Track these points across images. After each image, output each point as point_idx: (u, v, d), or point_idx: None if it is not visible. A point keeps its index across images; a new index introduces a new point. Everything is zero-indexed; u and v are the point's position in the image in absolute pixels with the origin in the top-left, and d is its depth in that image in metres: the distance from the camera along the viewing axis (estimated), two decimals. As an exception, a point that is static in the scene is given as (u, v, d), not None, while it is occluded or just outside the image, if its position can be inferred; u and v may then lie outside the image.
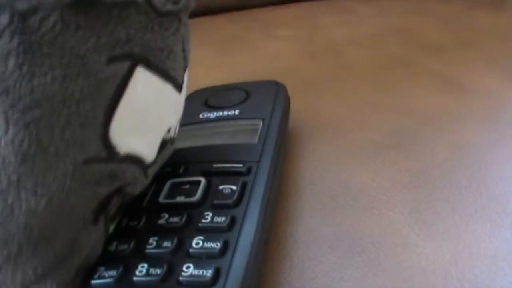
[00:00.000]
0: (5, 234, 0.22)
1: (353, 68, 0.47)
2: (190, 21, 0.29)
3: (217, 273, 0.24)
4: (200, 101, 0.37)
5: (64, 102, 0.22)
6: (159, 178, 0.30)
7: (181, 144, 0.33)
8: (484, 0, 0.61)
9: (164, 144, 0.28)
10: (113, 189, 0.25)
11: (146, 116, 0.26)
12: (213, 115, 0.36)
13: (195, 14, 0.53)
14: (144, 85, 0.25)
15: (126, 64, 0.24)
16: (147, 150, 0.27)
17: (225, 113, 0.36)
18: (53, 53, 0.22)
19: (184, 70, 0.28)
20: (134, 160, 0.26)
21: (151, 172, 0.28)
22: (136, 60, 0.24)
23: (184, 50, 0.28)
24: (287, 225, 0.31)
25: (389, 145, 0.37)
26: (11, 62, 0.21)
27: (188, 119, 0.35)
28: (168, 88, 0.27)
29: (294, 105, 0.39)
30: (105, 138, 0.24)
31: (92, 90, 0.23)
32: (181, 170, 0.31)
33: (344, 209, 0.32)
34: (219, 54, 0.51)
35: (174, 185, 0.30)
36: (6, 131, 0.21)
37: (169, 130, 0.28)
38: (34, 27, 0.21)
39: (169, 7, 0.25)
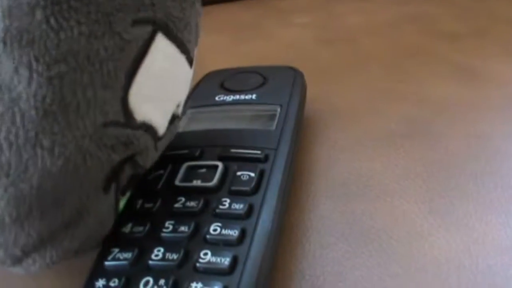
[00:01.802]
0: (16, 193, 0.22)
1: (368, 56, 0.47)
2: (205, 8, 0.29)
3: (234, 262, 0.24)
4: (216, 83, 0.37)
5: (89, 59, 0.22)
6: (175, 160, 0.30)
7: (197, 126, 0.33)
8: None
9: (173, 119, 0.28)
10: (126, 156, 0.25)
11: (162, 86, 0.26)
12: (229, 98, 0.36)
13: (210, 1, 0.53)
14: (163, 52, 0.25)
15: (148, 28, 0.24)
16: (160, 121, 0.27)
17: (242, 97, 0.36)
18: (81, 8, 0.22)
19: (195, 47, 0.29)
20: (148, 128, 0.26)
21: (161, 145, 0.28)
22: (157, 26, 0.25)
23: (197, 26, 0.28)
24: (299, 212, 0.31)
25: (404, 134, 0.37)
26: (39, 13, 0.21)
27: (204, 100, 0.35)
28: (182, 60, 0.27)
29: (309, 93, 0.39)
30: (124, 102, 0.24)
31: (116, 50, 0.23)
32: (197, 153, 0.30)
33: (356, 196, 0.32)
34: (234, 41, 0.51)
35: (190, 168, 0.30)
36: (29, 84, 0.21)
37: (178, 105, 0.28)
38: None
39: None
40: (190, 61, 0.28)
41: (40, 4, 0.21)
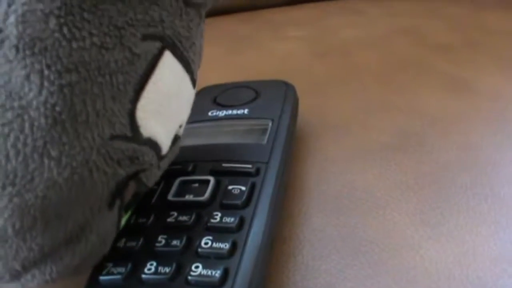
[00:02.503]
0: (21, 203, 0.22)
1: (361, 69, 0.47)
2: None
3: (225, 274, 0.25)
4: (208, 99, 0.38)
5: (100, 70, 0.22)
6: (168, 176, 0.30)
7: (190, 142, 0.33)
8: (494, 0, 0.61)
9: (175, 139, 0.29)
10: (131, 172, 0.25)
11: (168, 103, 0.26)
12: (222, 113, 0.36)
13: (206, 14, 0.54)
14: (170, 70, 0.26)
15: (157, 44, 0.25)
16: (164, 139, 0.27)
17: (234, 111, 0.36)
18: (93, 20, 0.22)
19: (198, 67, 0.29)
20: (153, 145, 0.26)
21: (163, 165, 0.28)
22: (166, 43, 0.25)
23: (201, 47, 0.29)
24: (292, 225, 0.31)
25: (396, 146, 0.37)
26: (52, 22, 0.21)
27: (197, 116, 0.35)
28: (187, 79, 0.27)
29: (302, 105, 0.39)
30: (132, 116, 0.24)
31: (126, 63, 0.23)
32: (190, 168, 0.31)
33: (349, 209, 0.32)
34: (229, 54, 0.52)
35: (183, 183, 0.30)
36: (40, 92, 0.21)
37: (180, 126, 0.29)
38: None
39: None
40: (194, 82, 0.28)
41: (54, 13, 0.21)
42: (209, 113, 0.36)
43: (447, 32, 0.54)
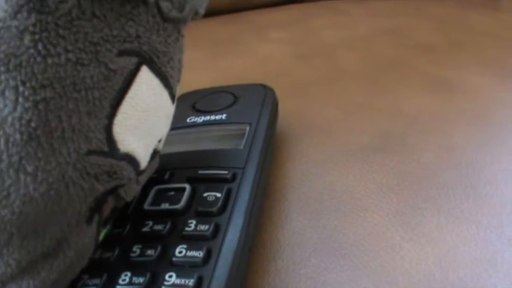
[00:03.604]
0: None
1: (344, 70, 0.47)
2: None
3: (199, 282, 0.25)
4: (188, 105, 0.38)
5: (75, 86, 0.22)
6: (145, 184, 0.30)
7: (167, 149, 0.33)
8: (478, 0, 0.61)
9: (154, 154, 0.29)
10: (109, 187, 0.25)
11: (145, 119, 0.26)
12: (200, 119, 0.36)
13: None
14: (147, 85, 0.26)
15: (134, 60, 0.25)
16: (143, 154, 0.27)
17: (212, 117, 0.36)
18: (69, 36, 0.22)
19: (178, 83, 0.29)
20: (131, 160, 0.26)
21: (142, 180, 0.28)
22: (142, 58, 0.25)
23: (180, 62, 0.29)
24: (272, 229, 0.31)
25: (377, 148, 0.37)
26: (27, 38, 0.21)
27: (176, 123, 0.35)
28: (165, 95, 0.27)
29: (283, 108, 0.39)
30: (108, 131, 0.24)
31: (102, 79, 0.23)
32: (166, 176, 0.31)
33: (329, 212, 0.32)
34: (211, 56, 0.51)
35: (159, 192, 0.30)
36: (15, 108, 0.21)
37: (160, 140, 0.29)
38: (52, 8, 0.22)
39: (174, 13, 0.26)
40: (173, 97, 0.28)
41: (29, 30, 0.21)
42: (188, 120, 0.36)
43: (430, 32, 0.54)
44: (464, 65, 0.47)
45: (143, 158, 0.27)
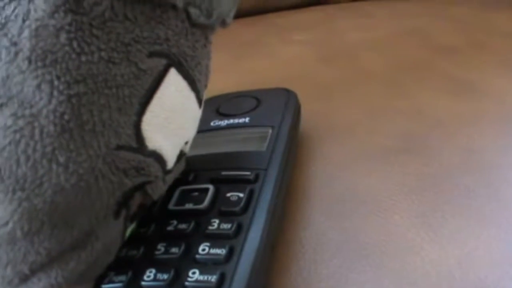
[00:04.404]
0: (30, 207, 0.23)
1: (367, 72, 0.47)
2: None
3: (222, 279, 0.25)
4: (211, 109, 0.38)
5: (106, 82, 0.24)
6: (169, 186, 0.30)
7: (192, 152, 0.33)
8: (501, 1, 0.60)
9: (180, 155, 0.30)
10: (137, 183, 0.26)
11: (173, 119, 0.27)
12: (223, 123, 0.37)
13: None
14: (175, 86, 0.27)
15: (163, 61, 0.26)
16: (170, 153, 0.28)
17: (236, 121, 0.36)
18: (101, 36, 0.24)
19: (204, 88, 0.30)
20: (158, 158, 0.27)
21: (168, 179, 0.29)
22: (171, 61, 0.26)
23: (207, 68, 0.30)
24: (294, 229, 0.31)
25: (399, 149, 0.37)
26: (63, 36, 0.23)
27: (200, 126, 0.35)
28: (192, 98, 0.28)
29: (306, 110, 0.39)
30: (137, 128, 0.25)
31: (132, 77, 0.25)
32: (190, 177, 0.32)
33: (351, 213, 0.32)
34: (234, 59, 0.52)
35: (183, 192, 0.31)
36: (50, 101, 0.23)
37: (186, 143, 0.30)
38: (87, 9, 0.23)
39: (202, 19, 0.27)
40: (199, 101, 0.29)
41: (65, 28, 0.23)
42: (211, 123, 0.37)
43: (453, 33, 0.53)
44: (487, 67, 0.47)
45: (170, 157, 0.28)
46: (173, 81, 0.27)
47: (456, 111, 0.41)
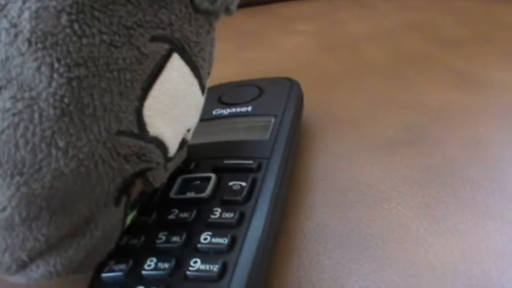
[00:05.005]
0: (28, 192, 0.22)
1: (369, 63, 0.47)
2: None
3: (224, 268, 0.25)
4: (214, 98, 0.38)
5: (108, 66, 0.23)
6: (171, 175, 0.30)
7: (193, 140, 0.33)
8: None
9: (182, 143, 0.29)
10: (138, 169, 0.26)
11: (175, 105, 0.27)
12: (226, 111, 0.36)
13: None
14: (178, 72, 0.26)
15: (166, 46, 0.25)
16: (171, 140, 0.27)
17: (238, 109, 0.36)
18: (103, 18, 0.23)
19: (208, 75, 0.30)
20: (160, 145, 0.26)
21: (170, 167, 0.29)
22: (174, 46, 0.26)
23: (210, 55, 0.29)
24: (297, 220, 0.31)
25: (402, 141, 0.37)
26: (64, 18, 0.22)
27: (202, 115, 0.35)
28: (195, 84, 0.28)
29: (308, 101, 0.39)
30: (139, 113, 0.25)
31: (134, 61, 0.24)
32: (192, 166, 0.31)
33: (354, 204, 0.32)
34: (237, 48, 0.52)
35: (185, 181, 0.30)
36: (50, 84, 0.22)
37: (188, 130, 0.29)
38: None
39: (206, 5, 0.27)
40: (202, 88, 0.29)
41: (66, 10, 0.22)
42: (214, 112, 0.36)
43: (456, 26, 0.53)
44: (491, 59, 0.46)
45: (172, 144, 0.27)
46: (176, 67, 0.26)
47: (459, 103, 0.40)
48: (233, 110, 0.36)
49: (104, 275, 0.26)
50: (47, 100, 0.22)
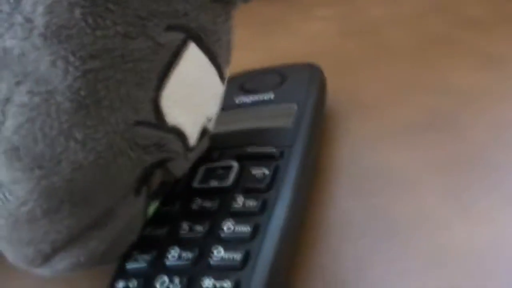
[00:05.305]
0: (48, 185, 0.23)
1: (392, 47, 0.46)
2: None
3: (246, 257, 0.25)
4: (236, 86, 0.38)
5: (123, 57, 0.23)
6: (194, 163, 0.30)
7: (216, 129, 0.33)
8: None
9: (203, 132, 0.29)
10: (157, 159, 0.26)
11: (193, 94, 0.27)
12: (248, 99, 0.36)
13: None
14: (195, 61, 0.26)
15: (181, 36, 0.25)
16: (191, 129, 0.27)
17: (260, 97, 0.36)
18: (117, 10, 0.23)
19: (227, 65, 0.29)
20: (179, 134, 0.26)
21: (191, 157, 0.28)
22: (190, 35, 0.26)
23: (229, 44, 0.29)
24: (321, 207, 0.31)
25: (427, 125, 0.36)
26: (77, 11, 0.22)
27: (224, 104, 0.35)
28: (213, 73, 0.28)
29: (331, 86, 0.39)
30: (156, 103, 0.25)
31: (150, 52, 0.24)
32: (215, 155, 0.31)
33: (379, 191, 0.32)
34: (257, 36, 0.51)
35: (208, 170, 0.30)
36: (65, 77, 0.22)
37: (209, 119, 0.29)
38: None
39: None
40: (221, 77, 0.29)
41: (79, 3, 0.22)
42: (236, 100, 0.36)
43: (481, 6, 0.52)
44: (518, 41, 0.45)
45: (192, 134, 0.27)
46: (193, 56, 0.26)
47: (485, 87, 0.40)
48: (256, 98, 0.36)
49: (129, 265, 0.26)
50: (64, 93, 0.22)
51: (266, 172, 0.29)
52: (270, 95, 0.36)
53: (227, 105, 0.35)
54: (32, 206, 0.23)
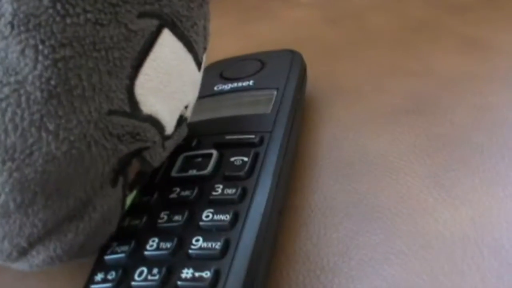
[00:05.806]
0: (21, 178, 0.22)
1: (374, 32, 0.46)
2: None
3: (226, 245, 0.24)
4: (215, 73, 0.37)
5: (95, 45, 0.23)
6: (172, 153, 0.30)
7: (194, 117, 0.33)
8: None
9: (181, 120, 0.29)
10: (133, 149, 0.25)
11: (169, 82, 0.26)
12: (227, 86, 0.36)
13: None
14: (170, 48, 0.26)
15: (155, 22, 0.25)
16: (167, 118, 0.27)
17: (240, 84, 0.36)
18: None
19: (204, 50, 0.29)
20: (155, 123, 0.26)
21: (168, 145, 0.28)
22: (164, 21, 0.25)
23: (205, 29, 0.28)
24: (303, 193, 0.31)
25: (408, 109, 0.36)
26: None
27: (203, 91, 0.35)
28: (189, 59, 0.27)
29: (313, 72, 0.39)
30: (130, 91, 0.24)
31: (122, 39, 0.23)
32: (193, 143, 0.31)
33: (361, 175, 0.31)
34: (239, 23, 0.51)
35: (186, 159, 0.30)
36: (35, 66, 0.22)
37: (186, 107, 0.29)
38: None
39: None
40: (198, 63, 0.28)
41: None
42: (215, 88, 0.36)
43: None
44: (499, 24, 0.45)
45: (168, 122, 0.27)
46: (167, 42, 0.26)
47: (466, 69, 0.40)
48: (235, 85, 0.36)
49: (107, 257, 0.26)
50: (34, 83, 0.22)
51: (245, 159, 0.29)
52: (250, 82, 0.36)
53: (206, 93, 0.35)
54: (5, 199, 0.22)
